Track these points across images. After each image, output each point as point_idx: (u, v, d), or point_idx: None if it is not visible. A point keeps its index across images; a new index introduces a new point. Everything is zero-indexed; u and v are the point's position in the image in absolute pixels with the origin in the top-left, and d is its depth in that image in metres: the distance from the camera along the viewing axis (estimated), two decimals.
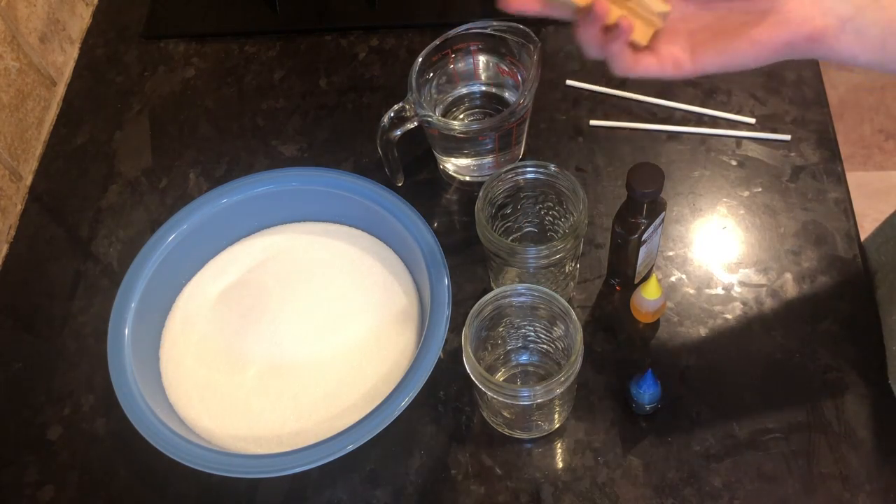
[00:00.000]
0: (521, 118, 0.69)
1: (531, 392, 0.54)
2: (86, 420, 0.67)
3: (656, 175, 0.57)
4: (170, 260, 0.66)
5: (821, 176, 0.73)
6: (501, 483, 0.61)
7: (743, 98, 0.78)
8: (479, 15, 0.69)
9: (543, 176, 0.62)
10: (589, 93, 0.79)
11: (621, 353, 0.66)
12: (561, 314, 0.57)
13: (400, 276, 0.68)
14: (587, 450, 0.62)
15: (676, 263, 0.69)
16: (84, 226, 0.77)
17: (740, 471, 0.60)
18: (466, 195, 0.75)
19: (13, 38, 0.79)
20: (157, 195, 0.78)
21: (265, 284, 0.68)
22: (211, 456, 0.57)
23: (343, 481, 0.62)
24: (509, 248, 0.60)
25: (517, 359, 0.65)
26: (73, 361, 0.70)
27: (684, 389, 0.63)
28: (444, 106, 0.75)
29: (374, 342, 0.65)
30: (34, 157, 0.82)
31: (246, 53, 0.87)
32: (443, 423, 0.64)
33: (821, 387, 0.63)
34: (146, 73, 0.87)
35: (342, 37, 0.87)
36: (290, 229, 0.72)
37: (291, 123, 0.81)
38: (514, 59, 0.70)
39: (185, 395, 0.64)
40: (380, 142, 0.69)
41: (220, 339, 0.66)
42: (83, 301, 0.73)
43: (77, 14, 0.90)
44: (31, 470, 0.65)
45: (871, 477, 0.59)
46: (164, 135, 0.82)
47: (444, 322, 0.60)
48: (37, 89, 0.82)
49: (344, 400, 0.62)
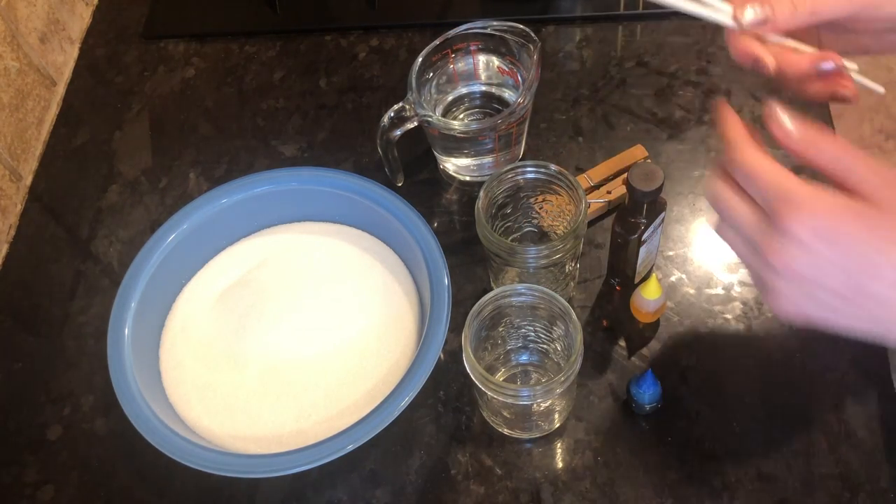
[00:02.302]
0: (521, 118, 0.69)
1: (531, 392, 0.54)
2: (86, 420, 0.67)
3: (656, 175, 0.57)
4: (170, 260, 0.66)
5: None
6: (501, 483, 0.61)
7: (743, 98, 0.78)
8: (479, 15, 0.69)
9: (543, 176, 0.62)
10: (590, 92, 0.79)
11: (621, 353, 0.66)
12: (561, 314, 0.57)
13: (400, 276, 0.68)
14: (587, 450, 0.62)
15: (676, 263, 0.69)
16: (84, 226, 0.77)
17: (740, 471, 0.60)
18: (466, 195, 0.75)
19: (13, 37, 0.79)
20: (157, 195, 0.78)
21: (265, 284, 0.68)
22: (211, 456, 0.57)
23: (343, 481, 0.62)
24: (509, 248, 0.60)
25: (517, 359, 0.65)
26: (73, 361, 0.70)
27: (684, 389, 0.63)
28: (444, 106, 0.75)
29: (374, 342, 0.65)
30: (34, 157, 0.82)
31: (246, 53, 0.87)
32: (443, 423, 0.64)
33: (821, 387, 0.63)
34: (146, 73, 0.87)
35: (342, 37, 0.87)
36: (290, 229, 0.72)
37: (291, 123, 0.81)
38: (514, 59, 0.70)
39: (185, 395, 0.64)
40: (380, 142, 0.69)
41: (220, 339, 0.66)
42: (83, 301, 0.73)
43: (77, 14, 0.90)
44: (31, 470, 0.65)
45: (871, 477, 0.59)
46: (164, 135, 0.82)
47: (444, 322, 0.60)
48: (37, 89, 0.82)
49: (344, 400, 0.62)
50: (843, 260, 0.39)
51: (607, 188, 0.71)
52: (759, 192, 0.42)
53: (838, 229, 0.39)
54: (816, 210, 0.39)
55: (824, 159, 0.41)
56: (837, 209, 0.39)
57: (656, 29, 0.83)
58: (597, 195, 0.71)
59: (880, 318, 0.41)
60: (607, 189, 0.71)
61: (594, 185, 0.72)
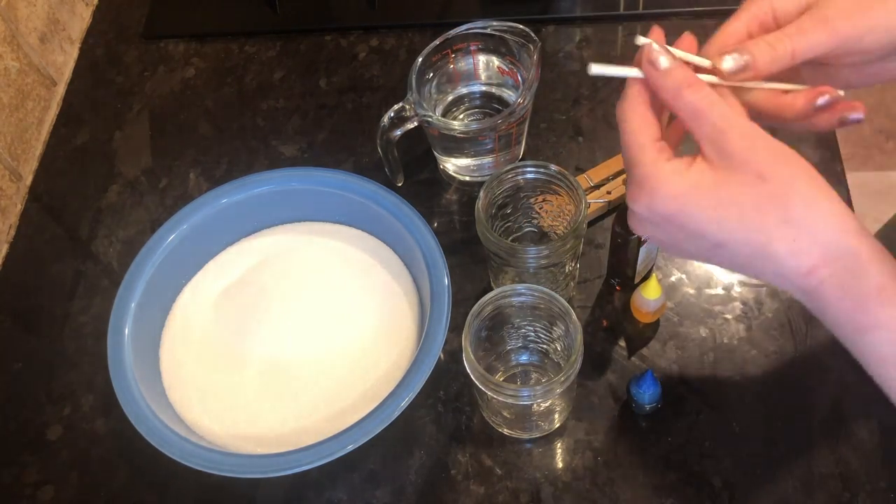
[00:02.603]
0: (521, 118, 0.69)
1: (531, 392, 0.54)
2: (86, 420, 0.67)
3: None
4: (170, 260, 0.66)
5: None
6: (501, 483, 0.61)
7: None
8: (479, 15, 0.69)
9: (543, 176, 0.62)
10: (590, 92, 0.79)
11: (621, 353, 0.66)
12: (561, 314, 0.57)
13: (400, 276, 0.68)
14: (587, 450, 0.62)
15: (676, 263, 0.69)
16: (84, 226, 0.77)
17: (740, 471, 0.60)
18: (466, 195, 0.75)
19: (13, 37, 0.79)
20: (157, 195, 0.78)
21: (265, 284, 0.68)
22: (211, 456, 0.57)
23: (343, 481, 0.62)
24: (509, 248, 0.60)
25: (517, 359, 0.65)
26: (73, 361, 0.70)
27: (684, 389, 0.63)
28: (444, 106, 0.75)
29: (374, 342, 0.65)
30: (34, 157, 0.82)
31: (246, 53, 0.87)
32: (443, 423, 0.64)
33: (820, 387, 0.63)
34: (146, 73, 0.87)
35: (342, 37, 0.87)
36: (290, 229, 0.72)
37: (291, 123, 0.81)
38: (514, 59, 0.70)
39: (185, 395, 0.64)
40: (380, 142, 0.69)
41: (220, 339, 0.66)
42: (83, 301, 0.73)
43: (77, 14, 0.90)
44: (31, 470, 0.65)
45: (871, 477, 0.59)
46: (164, 135, 0.82)
47: (444, 322, 0.60)
48: (37, 89, 0.82)
49: (344, 400, 0.62)
50: (678, 232, 0.44)
51: (607, 188, 0.71)
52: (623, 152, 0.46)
53: (670, 216, 0.43)
54: (654, 197, 0.43)
55: (683, 110, 0.43)
56: (674, 196, 0.43)
57: None
58: (597, 195, 0.71)
59: (734, 267, 0.45)
60: (607, 189, 0.71)
61: (594, 185, 0.72)
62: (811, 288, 0.42)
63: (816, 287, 0.41)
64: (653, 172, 0.43)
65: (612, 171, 0.72)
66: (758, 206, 0.41)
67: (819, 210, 0.41)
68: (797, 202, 0.41)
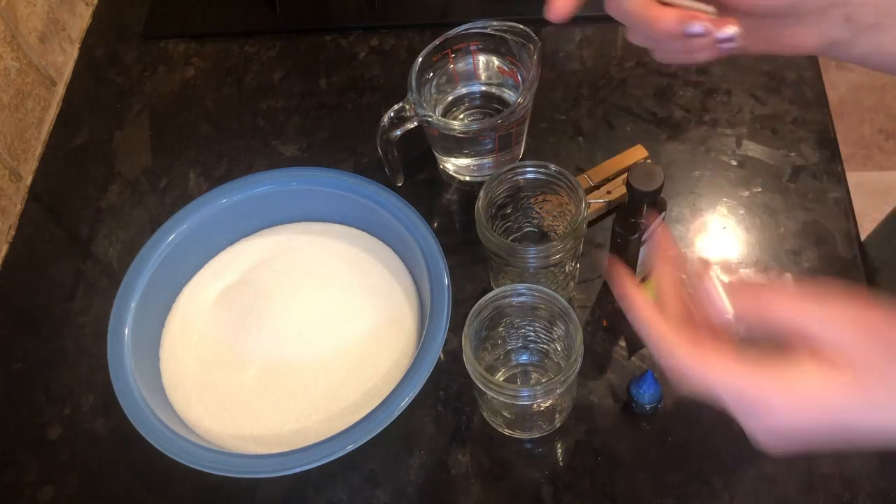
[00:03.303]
0: (521, 118, 0.69)
1: (531, 392, 0.54)
2: (86, 420, 0.67)
3: (656, 175, 0.57)
4: (170, 260, 0.66)
5: (821, 176, 0.73)
6: (501, 483, 0.61)
7: (743, 98, 0.78)
8: (479, 15, 0.69)
9: (543, 176, 0.62)
10: (590, 92, 0.79)
11: (621, 353, 0.66)
12: (561, 314, 0.57)
13: (400, 276, 0.68)
14: (587, 450, 0.62)
15: None
16: (84, 226, 0.77)
17: (740, 471, 0.60)
18: (466, 195, 0.75)
19: (13, 37, 0.79)
20: (157, 195, 0.78)
21: (265, 284, 0.68)
22: (211, 456, 0.57)
23: (343, 481, 0.62)
24: (509, 248, 0.60)
25: (517, 359, 0.65)
26: (73, 361, 0.70)
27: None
28: (444, 106, 0.75)
29: (374, 342, 0.65)
30: (34, 157, 0.82)
31: (246, 53, 0.87)
32: (443, 423, 0.64)
33: None
34: (146, 73, 0.87)
35: (342, 37, 0.87)
36: (290, 229, 0.72)
37: (291, 123, 0.81)
38: (514, 59, 0.70)
39: (185, 395, 0.64)
40: (380, 142, 0.69)
41: (220, 339, 0.66)
42: (83, 301, 0.73)
43: (77, 14, 0.90)
44: (31, 470, 0.65)
45: (871, 477, 0.59)
46: (164, 135, 0.82)
47: (444, 322, 0.60)
48: (37, 89, 0.82)
49: (344, 400, 0.62)
50: (815, 438, 0.39)
51: (607, 188, 0.71)
52: (718, 397, 0.40)
53: (807, 424, 0.38)
54: (779, 415, 0.38)
55: (778, 321, 0.39)
56: (800, 407, 0.38)
57: None
58: (597, 195, 0.71)
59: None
60: (607, 189, 0.71)
61: (594, 185, 0.72)
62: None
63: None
64: (767, 387, 0.39)
65: (612, 171, 0.72)
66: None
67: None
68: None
